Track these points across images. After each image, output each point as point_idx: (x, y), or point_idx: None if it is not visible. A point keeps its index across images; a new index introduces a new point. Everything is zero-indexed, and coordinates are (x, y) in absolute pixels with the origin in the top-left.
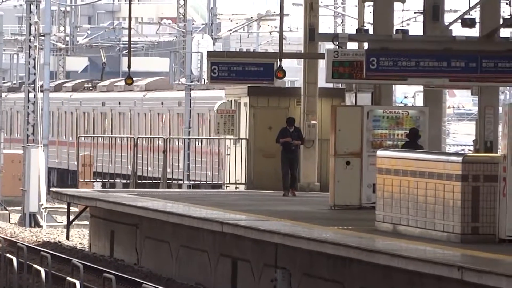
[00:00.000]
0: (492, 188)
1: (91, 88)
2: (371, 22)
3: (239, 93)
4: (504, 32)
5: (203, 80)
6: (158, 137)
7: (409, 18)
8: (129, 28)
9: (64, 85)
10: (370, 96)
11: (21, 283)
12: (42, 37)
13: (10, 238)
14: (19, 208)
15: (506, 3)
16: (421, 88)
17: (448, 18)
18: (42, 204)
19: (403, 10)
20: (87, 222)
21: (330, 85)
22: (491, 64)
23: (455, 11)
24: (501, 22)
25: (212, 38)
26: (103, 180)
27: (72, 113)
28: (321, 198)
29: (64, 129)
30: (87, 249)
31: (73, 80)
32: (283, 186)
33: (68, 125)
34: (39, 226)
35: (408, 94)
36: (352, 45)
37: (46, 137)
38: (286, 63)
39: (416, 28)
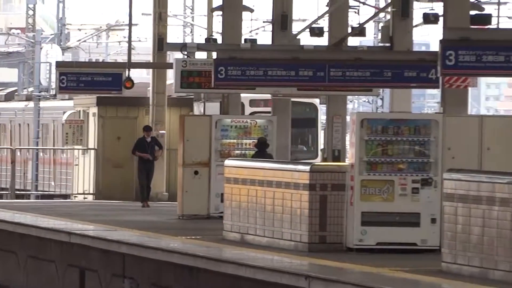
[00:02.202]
0: (339, 197)
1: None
2: (220, 31)
3: (88, 103)
4: (353, 41)
5: (51, 90)
6: (6, 148)
7: (257, 27)
8: None
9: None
10: (218, 105)
11: None
12: None
13: None
14: None
15: (355, 12)
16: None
17: (296, 27)
18: None
19: (251, 20)
20: None
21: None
22: (339, 73)
23: (304, 20)
24: (349, 30)
25: (61, 48)
26: None
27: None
28: (169, 208)
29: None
30: None
31: None
32: (141, 197)
33: None
34: None
35: None
36: (201, 55)
37: None
38: (134, 73)
39: (265, 37)
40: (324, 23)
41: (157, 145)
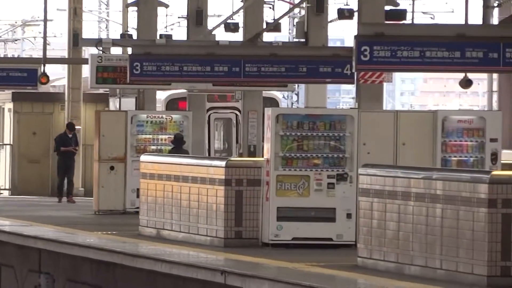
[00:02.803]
0: (255, 192)
1: None
2: (135, 27)
3: (3, 98)
4: (268, 37)
5: None
6: None
7: (173, 23)
8: None
9: None
10: (134, 101)
11: None
12: None
13: None
14: None
15: (270, 7)
16: None
17: (211, 22)
18: None
19: (166, 15)
20: None
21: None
22: (254, 68)
23: (219, 15)
24: (264, 26)
25: None
26: None
27: None
28: (85, 203)
29: None
30: None
31: None
32: (58, 193)
33: None
34: None
35: None
36: (116, 50)
37: None
38: (50, 69)
39: (180, 33)
40: (239, 19)
41: (76, 142)
